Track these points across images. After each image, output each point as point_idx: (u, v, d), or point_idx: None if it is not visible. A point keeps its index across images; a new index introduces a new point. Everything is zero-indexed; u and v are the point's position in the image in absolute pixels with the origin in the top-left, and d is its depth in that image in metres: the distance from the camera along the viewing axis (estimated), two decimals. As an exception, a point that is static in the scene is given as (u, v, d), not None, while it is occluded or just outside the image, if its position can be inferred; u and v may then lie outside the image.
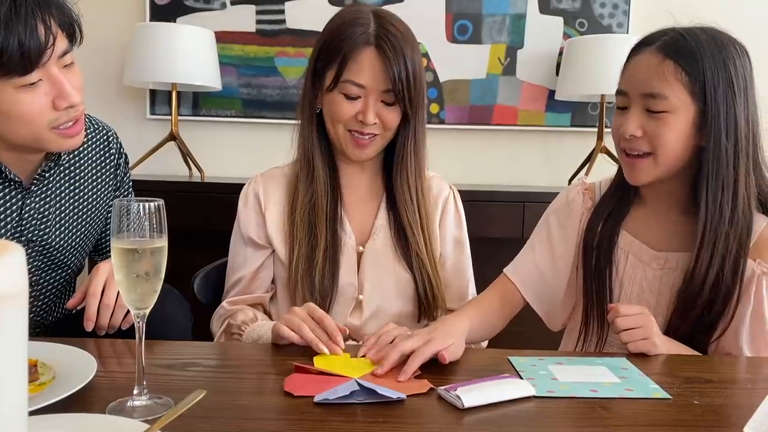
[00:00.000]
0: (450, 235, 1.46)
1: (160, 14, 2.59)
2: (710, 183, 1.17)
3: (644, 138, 1.19)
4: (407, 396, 0.92)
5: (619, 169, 1.30)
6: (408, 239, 1.38)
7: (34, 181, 1.28)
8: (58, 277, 1.37)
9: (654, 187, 1.26)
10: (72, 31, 1.17)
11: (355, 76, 1.28)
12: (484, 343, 1.44)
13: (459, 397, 0.89)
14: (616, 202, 1.32)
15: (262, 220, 1.39)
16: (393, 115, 1.32)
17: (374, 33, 1.28)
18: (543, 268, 1.37)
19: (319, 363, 1.04)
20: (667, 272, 1.26)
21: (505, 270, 1.39)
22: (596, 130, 2.54)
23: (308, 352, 1.08)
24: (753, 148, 1.19)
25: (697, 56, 1.14)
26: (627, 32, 2.61)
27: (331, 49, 1.30)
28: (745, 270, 1.18)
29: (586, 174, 2.44)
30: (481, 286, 1.50)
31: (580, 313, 1.34)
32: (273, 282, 1.42)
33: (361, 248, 1.39)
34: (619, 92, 1.24)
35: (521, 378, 1.01)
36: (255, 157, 2.55)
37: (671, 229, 1.27)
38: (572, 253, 1.36)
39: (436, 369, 1.04)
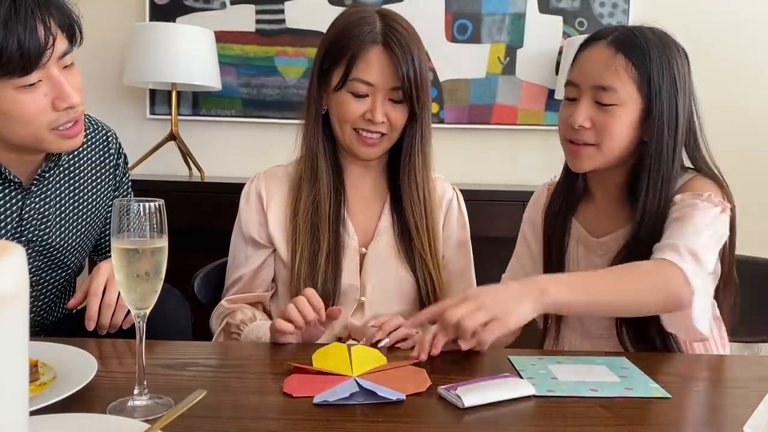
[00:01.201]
0: (453, 237, 1.46)
1: (160, 14, 2.59)
2: (651, 176, 1.21)
3: (592, 129, 1.23)
4: (407, 396, 0.92)
5: (566, 164, 1.34)
6: (412, 240, 1.37)
7: (34, 182, 1.28)
8: (58, 277, 1.38)
9: (599, 177, 1.31)
10: (72, 31, 1.17)
11: (363, 75, 1.28)
12: None
13: (459, 397, 0.89)
14: (566, 196, 1.36)
15: (264, 219, 1.39)
16: (400, 113, 1.32)
17: (381, 31, 1.28)
18: (529, 271, 1.40)
19: (317, 362, 1.04)
20: (610, 254, 1.28)
21: (503, 280, 1.43)
22: (596, 129, 2.54)
23: (307, 352, 1.08)
24: (692, 140, 1.24)
25: (645, 53, 1.19)
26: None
27: (337, 49, 1.30)
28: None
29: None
30: (480, 286, 1.50)
31: None
32: (273, 281, 1.42)
33: (364, 250, 1.39)
34: (568, 83, 1.27)
35: (521, 377, 1.01)
36: (255, 157, 2.55)
37: (610, 213, 1.31)
38: None
39: (436, 367, 1.05)
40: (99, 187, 1.41)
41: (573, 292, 1.04)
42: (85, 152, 1.38)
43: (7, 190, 1.24)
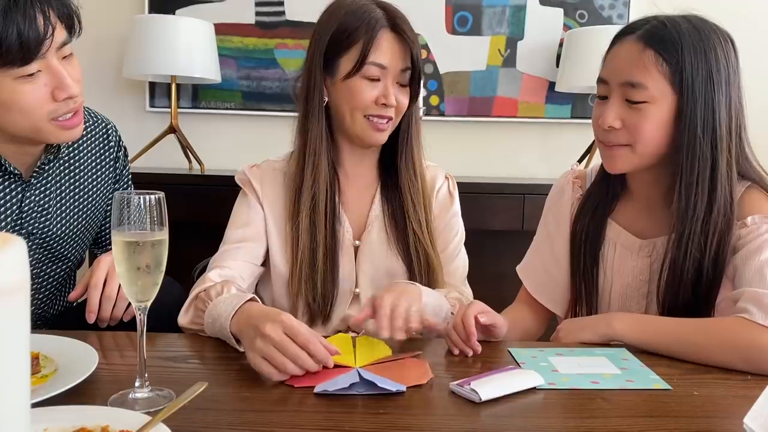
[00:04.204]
0: (439, 218, 1.44)
1: (159, 6, 2.58)
2: (684, 180, 1.15)
3: (623, 130, 1.17)
4: (407, 388, 0.92)
5: (602, 163, 1.29)
6: (408, 221, 1.37)
7: (34, 174, 1.28)
8: (58, 270, 1.38)
9: (638, 177, 1.26)
10: (71, 22, 1.17)
11: (376, 58, 1.29)
12: None
13: (475, 391, 0.89)
14: (603, 195, 1.32)
15: (262, 211, 1.37)
16: (406, 96, 1.35)
17: (385, 17, 1.30)
18: (549, 267, 1.37)
19: None
20: (657, 258, 1.25)
21: (518, 271, 1.41)
22: (596, 121, 2.54)
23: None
24: (737, 140, 1.17)
25: (677, 45, 1.12)
26: (627, 23, 2.60)
27: (345, 37, 1.30)
28: (727, 259, 1.16)
29: (586, 166, 2.44)
30: (481, 279, 1.50)
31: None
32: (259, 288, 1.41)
33: (357, 242, 1.39)
34: (599, 81, 1.22)
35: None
36: (254, 150, 2.53)
37: (657, 216, 1.26)
38: (569, 245, 1.36)
39: (436, 360, 1.05)
40: (99, 179, 1.41)
41: (635, 332, 1.12)
42: (85, 145, 1.38)
43: (6, 183, 1.24)
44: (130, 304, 1.16)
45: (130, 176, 1.50)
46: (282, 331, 0.94)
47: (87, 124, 1.38)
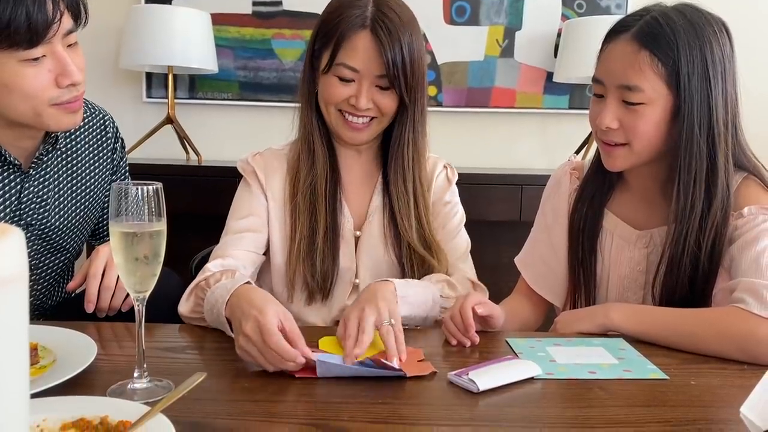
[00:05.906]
0: (438, 205, 1.43)
1: (156, -4, 2.57)
2: (682, 179, 1.15)
3: (620, 129, 1.17)
4: (408, 376, 0.93)
5: (598, 152, 1.28)
6: (400, 232, 1.36)
7: (33, 165, 1.27)
8: (57, 261, 1.38)
9: (635, 170, 1.26)
10: (78, 11, 1.18)
11: (348, 60, 1.26)
12: None
13: (473, 381, 0.89)
14: (599, 185, 1.32)
15: (265, 201, 1.37)
16: (388, 100, 1.30)
17: (370, 16, 1.26)
18: (547, 259, 1.38)
19: (324, 345, 1.04)
20: (654, 249, 1.26)
21: (516, 262, 1.41)
22: (594, 112, 2.53)
23: (314, 336, 1.07)
24: (733, 131, 1.17)
25: (673, 45, 1.11)
26: (625, 13, 2.58)
27: (327, 31, 1.29)
28: (723, 250, 1.17)
29: (584, 157, 2.44)
30: (479, 269, 1.49)
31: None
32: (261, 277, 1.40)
33: (358, 233, 1.39)
34: (595, 80, 1.21)
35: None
36: (252, 140, 2.53)
37: (654, 207, 1.27)
38: (567, 236, 1.36)
39: (435, 350, 1.05)
40: (97, 170, 1.41)
41: (632, 323, 1.13)
42: (82, 136, 1.38)
43: (6, 173, 1.24)
44: (128, 294, 1.16)
45: (127, 167, 1.50)
46: (259, 331, 0.93)
47: (85, 115, 1.38)
